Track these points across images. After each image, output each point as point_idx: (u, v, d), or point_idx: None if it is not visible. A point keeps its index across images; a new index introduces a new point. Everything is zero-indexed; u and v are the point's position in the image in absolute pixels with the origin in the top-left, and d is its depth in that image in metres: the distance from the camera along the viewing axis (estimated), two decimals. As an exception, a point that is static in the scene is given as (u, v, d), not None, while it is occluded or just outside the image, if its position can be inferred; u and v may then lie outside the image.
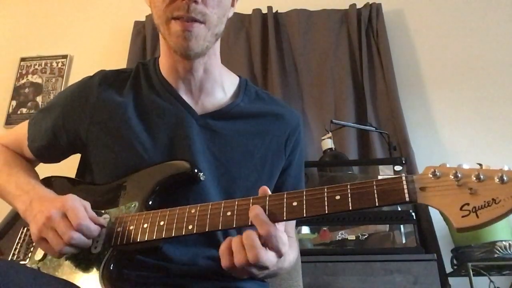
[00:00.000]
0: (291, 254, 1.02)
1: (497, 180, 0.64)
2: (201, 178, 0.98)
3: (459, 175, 0.66)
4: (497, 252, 1.88)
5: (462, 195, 0.66)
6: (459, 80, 2.74)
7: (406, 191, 0.71)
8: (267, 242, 0.77)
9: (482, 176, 0.65)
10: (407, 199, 0.70)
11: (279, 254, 0.79)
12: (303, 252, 1.47)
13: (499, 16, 2.87)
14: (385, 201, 0.72)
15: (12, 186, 1.03)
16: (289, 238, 1.09)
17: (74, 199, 0.89)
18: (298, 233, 1.98)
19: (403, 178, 0.72)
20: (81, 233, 0.84)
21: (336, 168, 2.20)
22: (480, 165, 0.67)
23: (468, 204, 0.65)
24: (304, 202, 0.78)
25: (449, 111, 2.67)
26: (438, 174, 0.69)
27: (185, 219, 0.85)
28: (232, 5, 1.11)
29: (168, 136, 1.04)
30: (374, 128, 2.44)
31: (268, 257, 0.77)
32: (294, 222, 1.20)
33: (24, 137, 1.15)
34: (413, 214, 1.89)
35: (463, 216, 0.64)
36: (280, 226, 0.80)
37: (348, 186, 0.76)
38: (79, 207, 0.86)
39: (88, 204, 0.90)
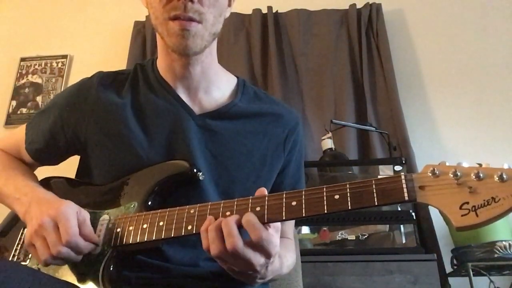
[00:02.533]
0: (290, 259, 1.02)
1: (497, 178, 0.63)
2: (200, 178, 0.97)
3: (459, 174, 0.66)
4: (497, 252, 1.88)
5: (461, 193, 0.65)
6: (459, 80, 2.74)
7: (405, 190, 0.71)
8: (257, 246, 0.76)
9: (481, 175, 0.65)
10: (406, 198, 0.70)
11: (268, 256, 0.78)
12: (303, 252, 1.47)
13: (499, 16, 2.87)
14: (384, 200, 0.71)
15: (11, 189, 1.02)
16: (288, 240, 1.09)
17: (69, 208, 0.87)
18: (298, 233, 1.98)
19: (402, 177, 0.72)
20: (69, 249, 0.83)
21: (336, 168, 2.20)
22: (480, 164, 0.66)
23: (467, 203, 0.64)
24: (303, 202, 0.77)
25: (449, 111, 2.67)
26: (437, 172, 0.68)
27: (184, 219, 0.84)
28: (229, 5, 1.11)
29: (166, 136, 1.04)
30: (374, 128, 2.44)
31: (251, 254, 0.76)
32: (293, 222, 1.19)
33: (22, 140, 1.14)
34: (413, 214, 1.89)
35: (462, 215, 0.64)
36: (272, 229, 0.78)
37: (347, 186, 0.75)
38: (71, 220, 0.85)
39: (87, 216, 0.89)
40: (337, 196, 0.75)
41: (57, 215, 0.85)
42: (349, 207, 0.73)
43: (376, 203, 0.72)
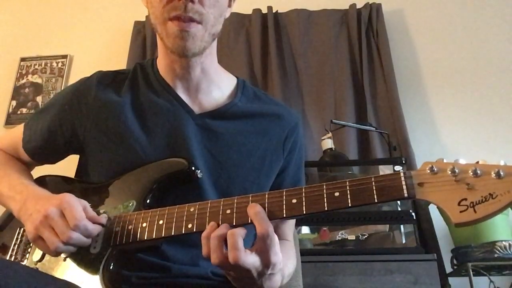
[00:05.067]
0: (291, 267, 1.02)
1: (494, 175, 0.64)
2: (198, 176, 0.97)
3: (457, 171, 0.67)
4: (497, 252, 1.88)
5: (459, 190, 0.66)
6: (459, 80, 2.74)
7: (404, 187, 0.71)
8: (262, 242, 0.75)
9: (479, 172, 0.65)
10: (406, 195, 0.70)
11: (267, 262, 0.76)
12: (303, 252, 1.47)
13: (499, 16, 2.87)
14: (384, 197, 0.72)
15: (5, 187, 1.02)
16: (288, 242, 1.09)
17: (71, 196, 0.88)
18: (298, 233, 1.97)
19: (401, 174, 0.72)
20: (80, 233, 0.83)
21: (336, 168, 2.20)
22: (477, 161, 0.67)
23: (465, 199, 0.65)
24: (304, 199, 0.77)
25: (449, 111, 2.67)
26: (435, 169, 0.69)
27: (184, 218, 0.84)
28: (229, 5, 1.11)
29: (166, 135, 1.04)
30: (374, 128, 2.44)
31: (250, 260, 0.75)
32: (293, 224, 1.19)
33: (20, 139, 1.14)
34: (413, 214, 1.89)
35: (461, 211, 0.65)
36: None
37: (347, 183, 0.75)
38: (77, 206, 0.85)
39: (87, 204, 0.89)
40: (337, 194, 0.75)
41: (61, 203, 0.85)
42: (349, 204, 0.74)
43: (375, 200, 0.72)
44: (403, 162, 1.98)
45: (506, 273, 2.08)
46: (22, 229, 1.01)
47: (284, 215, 0.78)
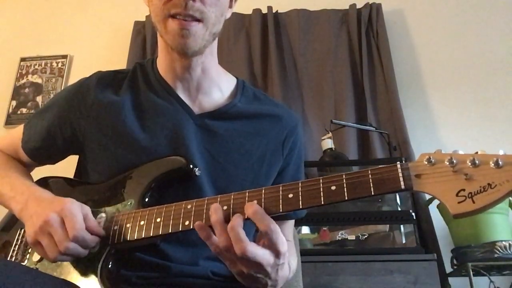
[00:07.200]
0: (294, 263, 1.01)
1: (492, 164, 0.63)
2: (197, 173, 0.97)
3: (454, 161, 0.66)
4: (497, 252, 1.88)
5: (457, 181, 0.65)
6: (459, 80, 2.74)
7: (401, 178, 0.70)
8: (266, 238, 0.76)
9: (477, 162, 0.64)
10: (403, 186, 0.69)
11: (277, 253, 0.77)
12: (303, 252, 1.47)
13: (499, 16, 2.87)
14: (380, 189, 0.71)
15: (6, 187, 1.01)
16: (288, 242, 1.08)
17: (74, 204, 0.87)
18: (298, 233, 1.97)
19: (398, 166, 0.71)
20: (77, 244, 0.83)
21: (336, 168, 2.19)
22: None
23: (464, 190, 0.64)
24: (300, 194, 0.77)
25: (449, 111, 2.67)
26: (433, 160, 0.68)
27: (182, 215, 0.84)
28: (230, 6, 1.10)
29: (165, 135, 1.03)
30: (374, 128, 2.44)
31: (259, 252, 0.75)
32: (292, 224, 1.18)
33: (19, 140, 1.14)
34: (413, 214, 1.88)
35: (459, 202, 0.64)
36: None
37: (344, 176, 0.75)
38: (77, 215, 0.85)
39: (89, 211, 0.88)
40: (333, 187, 0.75)
41: (62, 210, 0.84)
42: (346, 198, 0.73)
43: (372, 193, 0.71)
44: (403, 162, 1.97)
45: (506, 273, 2.08)
46: (23, 230, 1.01)
47: (281, 210, 0.77)
